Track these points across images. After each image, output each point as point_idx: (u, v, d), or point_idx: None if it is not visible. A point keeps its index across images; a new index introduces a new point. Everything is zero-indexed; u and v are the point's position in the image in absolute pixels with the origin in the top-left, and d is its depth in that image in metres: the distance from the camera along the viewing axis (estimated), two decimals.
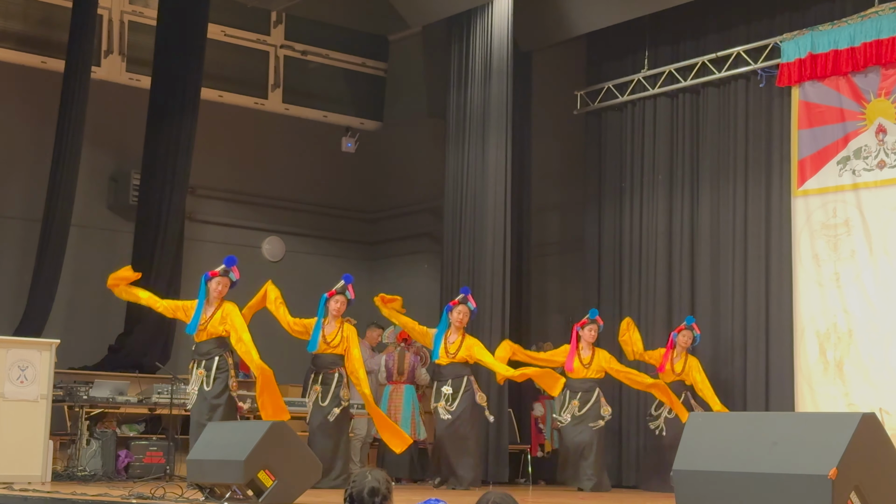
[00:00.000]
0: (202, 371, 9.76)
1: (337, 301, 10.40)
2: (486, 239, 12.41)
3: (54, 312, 12.05)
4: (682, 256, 12.55)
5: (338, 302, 10.40)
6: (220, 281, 9.86)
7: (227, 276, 9.91)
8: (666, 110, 12.95)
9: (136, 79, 13.81)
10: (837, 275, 11.12)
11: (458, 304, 10.94)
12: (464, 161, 12.86)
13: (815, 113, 11.41)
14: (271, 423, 7.91)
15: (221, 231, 14.55)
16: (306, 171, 15.31)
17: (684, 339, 11.45)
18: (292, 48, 15.33)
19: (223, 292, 9.87)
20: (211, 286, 9.85)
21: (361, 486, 4.34)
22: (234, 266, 9.95)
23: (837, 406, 10.78)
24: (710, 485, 5.47)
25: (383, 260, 15.71)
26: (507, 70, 12.56)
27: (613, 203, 13.34)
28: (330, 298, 10.41)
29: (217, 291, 9.84)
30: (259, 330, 10.29)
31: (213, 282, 9.85)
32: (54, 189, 12.02)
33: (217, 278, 9.86)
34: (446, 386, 10.79)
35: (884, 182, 10.88)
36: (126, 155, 13.60)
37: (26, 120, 13.11)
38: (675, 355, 11.45)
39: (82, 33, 12.11)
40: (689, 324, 11.55)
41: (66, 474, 10.56)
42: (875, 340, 10.77)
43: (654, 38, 13.10)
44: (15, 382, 10.03)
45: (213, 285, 9.85)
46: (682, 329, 11.52)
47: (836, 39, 11.19)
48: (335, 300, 10.40)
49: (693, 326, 11.54)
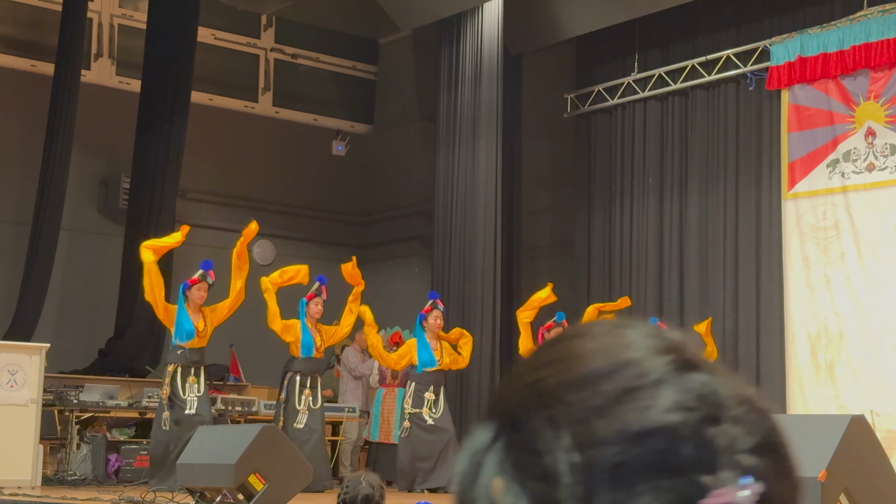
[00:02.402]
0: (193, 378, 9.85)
1: (318, 304, 10.46)
2: (477, 242, 12.42)
3: (44, 316, 12.03)
4: (671, 259, 12.57)
5: (318, 304, 10.47)
6: (200, 286, 9.92)
7: (205, 281, 9.98)
8: (656, 113, 12.97)
9: (126, 82, 13.80)
10: (828, 277, 11.15)
11: (432, 309, 10.96)
12: (454, 164, 12.86)
13: (804, 116, 11.43)
14: (262, 426, 7.92)
15: (212, 235, 14.51)
16: (296, 174, 15.29)
17: None
18: (282, 51, 15.32)
19: (205, 297, 9.96)
20: (194, 294, 9.89)
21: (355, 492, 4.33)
22: (210, 270, 10.03)
23: (828, 408, 10.80)
24: None
25: (374, 263, 15.68)
26: (497, 73, 12.58)
27: (603, 206, 13.35)
28: (310, 302, 10.46)
29: (201, 298, 9.91)
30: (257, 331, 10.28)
31: (195, 289, 9.90)
32: (44, 193, 11.99)
33: (198, 284, 9.92)
34: (429, 392, 10.83)
35: (873, 185, 10.91)
36: (116, 158, 13.57)
37: (16, 123, 13.08)
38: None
39: (72, 37, 12.09)
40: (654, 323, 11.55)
41: (56, 479, 10.53)
42: (866, 342, 10.79)
43: (643, 41, 13.12)
44: (5, 387, 10.00)
45: (197, 292, 9.89)
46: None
47: (825, 42, 11.22)
48: (315, 303, 10.46)
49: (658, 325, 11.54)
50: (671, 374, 0.75)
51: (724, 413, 0.74)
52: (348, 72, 15.85)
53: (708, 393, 0.74)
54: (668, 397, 0.73)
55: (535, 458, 0.73)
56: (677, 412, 0.73)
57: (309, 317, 10.44)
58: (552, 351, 0.79)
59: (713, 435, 0.72)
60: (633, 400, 0.73)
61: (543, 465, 0.73)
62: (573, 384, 0.74)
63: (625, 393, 0.74)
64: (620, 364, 0.76)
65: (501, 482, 0.75)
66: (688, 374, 0.75)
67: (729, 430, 0.73)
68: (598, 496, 0.70)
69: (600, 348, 0.77)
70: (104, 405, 11.23)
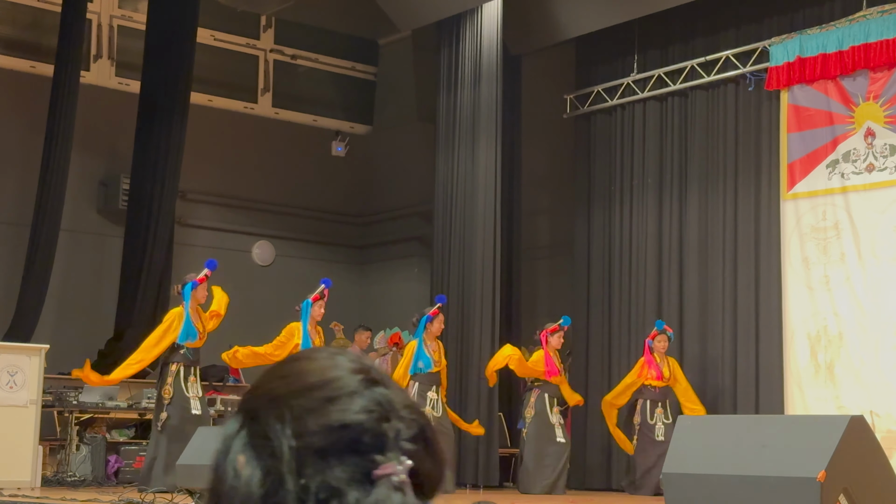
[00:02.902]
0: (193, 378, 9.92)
1: (321, 306, 10.50)
2: (476, 243, 12.41)
3: (44, 317, 12.03)
4: (671, 260, 12.56)
5: (321, 307, 10.50)
6: (205, 286, 9.99)
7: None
8: (655, 114, 12.96)
9: (125, 83, 13.80)
10: (827, 278, 11.15)
11: (439, 313, 11.04)
12: (454, 165, 12.86)
13: (803, 116, 11.43)
14: None
15: (211, 235, 14.52)
16: (296, 175, 15.29)
17: (661, 344, 11.49)
18: (282, 52, 15.32)
19: (206, 295, 10.04)
20: (199, 293, 9.93)
21: None
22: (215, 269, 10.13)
23: (828, 409, 10.80)
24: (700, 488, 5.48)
25: (373, 264, 15.70)
26: (496, 74, 12.58)
27: (603, 207, 13.35)
28: (315, 303, 10.49)
29: (203, 297, 9.96)
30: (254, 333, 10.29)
31: (200, 288, 9.94)
32: (44, 193, 11.99)
33: (204, 283, 9.97)
34: (431, 391, 10.90)
35: (873, 185, 10.92)
36: (115, 159, 13.57)
37: (15, 124, 13.08)
38: (658, 361, 11.47)
39: (71, 37, 12.09)
40: (661, 327, 11.58)
41: (55, 480, 10.54)
42: (865, 343, 10.79)
43: (643, 41, 13.12)
44: (4, 388, 10.00)
45: (202, 291, 9.94)
46: (655, 335, 11.54)
47: (824, 43, 11.22)
48: (319, 305, 10.49)
49: (665, 328, 11.57)
50: (361, 388, 1.10)
51: (394, 414, 1.09)
52: (348, 72, 15.85)
53: (384, 401, 1.10)
54: (357, 403, 1.09)
55: (267, 442, 1.07)
56: (363, 413, 1.08)
57: (311, 318, 10.45)
58: (284, 368, 1.15)
59: (385, 429, 1.08)
60: (334, 404, 1.08)
61: (272, 446, 1.07)
62: (295, 392, 1.09)
63: (329, 400, 1.09)
64: (328, 380, 1.11)
65: (244, 458, 1.09)
66: (373, 388, 1.11)
67: (396, 426, 1.09)
68: (307, 468, 1.05)
69: (316, 368, 1.13)
70: (103, 406, 11.23)
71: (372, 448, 1.06)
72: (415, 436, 1.09)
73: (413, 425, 1.09)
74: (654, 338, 11.52)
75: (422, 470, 1.08)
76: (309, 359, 1.14)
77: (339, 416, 1.07)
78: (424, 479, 1.09)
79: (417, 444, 1.09)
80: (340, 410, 1.07)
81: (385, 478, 1.05)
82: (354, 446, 1.06)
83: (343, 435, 1.06)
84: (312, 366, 1.12)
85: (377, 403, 1.09)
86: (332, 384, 1.10)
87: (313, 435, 1.06)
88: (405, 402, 1.11)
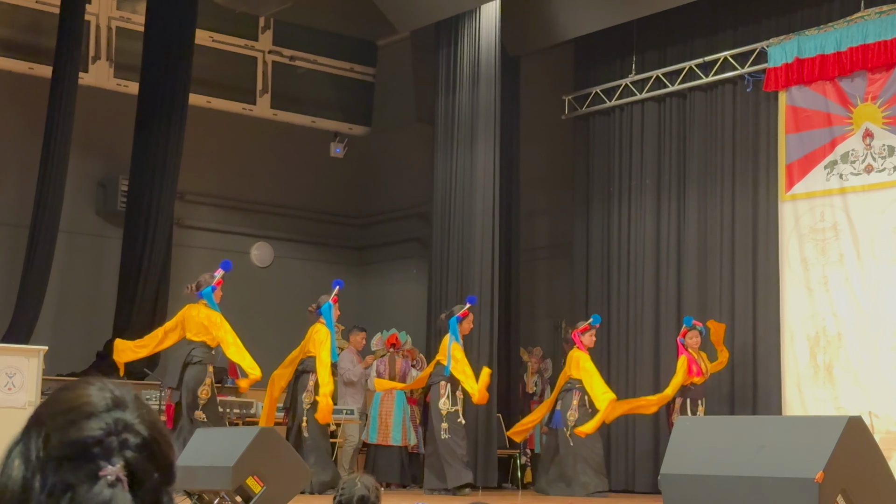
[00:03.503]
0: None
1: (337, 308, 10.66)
2: (475, 243, 12.42)
3: (42, 319, 12.02)
4: (669, 260, 12.57)
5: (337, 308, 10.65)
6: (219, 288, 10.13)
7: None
8: (653, 115, 12.97)
9: (123, 84, 13.79)
10: (826, 278, 11.15)
11: (469, 313, 11.09)
12: (452, 166, 12.86)
13: (802, 117, 11.44)
14: (260, 428, 7.92)
15: (210, 237, 14.51)
16: (295, 176, 15.29)
17: (694, 340, 11.38)
18: (280, 53, 15.32)
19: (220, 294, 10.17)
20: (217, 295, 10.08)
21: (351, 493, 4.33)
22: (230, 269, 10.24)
23: (826, 409, 10.81)
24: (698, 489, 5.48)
25: (372, 265, 15.70)
26: (495, 75, 12.58)
27: (601, 207, 13.35)
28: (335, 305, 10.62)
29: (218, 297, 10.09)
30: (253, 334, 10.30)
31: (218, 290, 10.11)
32: (42, 195, 11.98)
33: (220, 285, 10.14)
34: (458, 391, 11.07)
35: (871, 186, 10.92)
36: (114, 161, 13.57)
37: (13, 126, 13.07)
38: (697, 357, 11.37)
39: (70, 39, 12.08)
40: (689, 324, 11.49)
41: None
42: (864, 343, 10.80)
43: (641, 43, 13.13)
44: (3, 389, 9.99)
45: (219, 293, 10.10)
46: (685, 332, 11.44)
47: (822, 44, 11.22)
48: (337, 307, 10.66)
49: (694, 324, 11.48)
50: (104, 410, 1.41)
51: (125, 430, 1.40)
52: (346, 74, 15.85)
53: (120, 419, 1.41)
54: (95, 424, 1.39)
55: (29, 449, 1.40)
56: (97, 431, 1.39)
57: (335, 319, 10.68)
58: (56, 395, 1.45)
59: (112, 441, 1.39)
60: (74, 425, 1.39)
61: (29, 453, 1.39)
62: (51, 415, 1.41)
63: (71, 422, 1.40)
64: (80, 404, 1.42)
65: (18, 461, 1.40)
66: (114, 410, 1.41)
67: (123, 438, 1.40)
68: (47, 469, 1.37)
69: (73, 397, 1.43)
70: None
71: (101, 456, 1.38)
72: (139, 445, 1.40)
73: (139, 438, 1.40)
74: (685, 335, 11.41)
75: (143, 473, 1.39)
76: (72, 388, 1.45)
77: (76, 434, 1.38)
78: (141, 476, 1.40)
79: (140, 452, 1.40)
80: (77, 429, 1.39)
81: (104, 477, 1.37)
82: (88, 455, 1.38)
83: (79, 446, 1.38)
84: (72, 395, 1.44)
85: (112, 422, 1.40)
86: (83, 407, 1.41)
87: (53, 448, 1.39)
88: (142, 420, 1.42)
